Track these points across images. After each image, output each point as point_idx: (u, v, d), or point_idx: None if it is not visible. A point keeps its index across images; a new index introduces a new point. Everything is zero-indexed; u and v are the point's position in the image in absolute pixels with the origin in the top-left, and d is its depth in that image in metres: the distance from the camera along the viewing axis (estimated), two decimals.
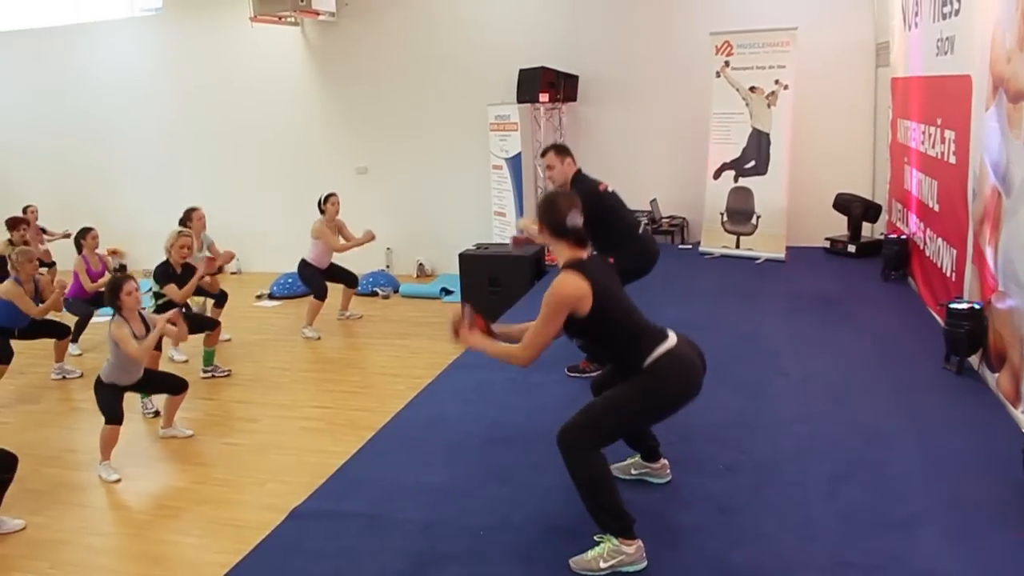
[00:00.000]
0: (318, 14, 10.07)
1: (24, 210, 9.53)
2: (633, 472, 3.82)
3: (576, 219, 3.30)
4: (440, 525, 3.61)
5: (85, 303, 7.85)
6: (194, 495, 5.09)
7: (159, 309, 6.62)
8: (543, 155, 5.44)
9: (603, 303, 3.17)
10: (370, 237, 8.28)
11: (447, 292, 9.54)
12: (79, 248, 7.93)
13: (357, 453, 4.43)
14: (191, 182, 11.12)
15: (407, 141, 10.52)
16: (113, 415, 5.36)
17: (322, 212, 8.22)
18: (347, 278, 8.57)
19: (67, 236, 8.09)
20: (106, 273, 7.90)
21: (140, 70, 11.62)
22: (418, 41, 10.24)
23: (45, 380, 7.40)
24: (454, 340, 3.50)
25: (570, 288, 3.15)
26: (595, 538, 3.24)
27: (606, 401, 3.30)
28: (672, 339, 3.24)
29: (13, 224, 8.53)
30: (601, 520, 3.17)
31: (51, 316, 7.31)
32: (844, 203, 8.32)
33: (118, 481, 5.32)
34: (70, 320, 7.85)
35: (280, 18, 10.19)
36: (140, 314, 5.50)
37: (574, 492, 3.20)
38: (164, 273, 6.84)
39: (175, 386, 5.77)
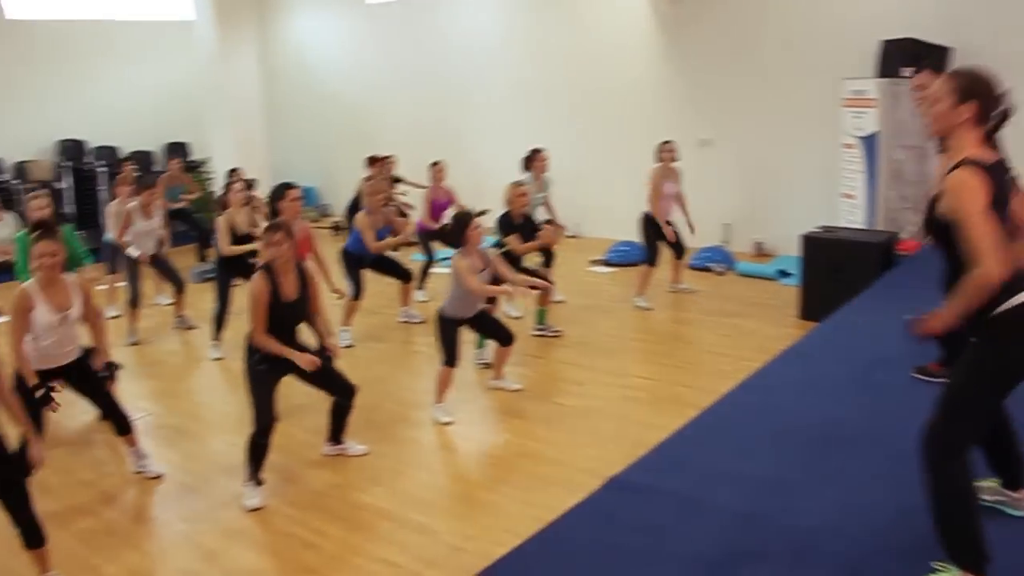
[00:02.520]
0: None
1: (386, 159, 10.47)
2: (987, 498, 3.37)
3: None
4: (760, 518, 3.44)
5: (430, 239, 8.46)
6: (516, 448, 5.29)
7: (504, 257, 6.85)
8: (916, 73, 4.67)
9: (994, 214, 2.71)
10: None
11: (785, 274, 9.12)
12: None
13: (680, 430, 4.35)
14: (533, 139, 11.42)
15: (753, 114, 10.15)
16: (450, 355, 5.65)
17: (659, 160, 8.20)
18: (678, 244, 8.40)
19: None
20: (452, 203, 8.44)
21: (494, 34, 12.24)
22: (773, 9, 9.80)
23: (391, 321, 8.06)
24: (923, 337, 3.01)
25: (975, 182, 2.69)
26: (933, 564, 2.91)
27: (956, 376, 2.92)
28: None
29: (372, 162, 9.74)
30: (951, 545, 2.83)
31: (396, 259, 7.84)
32: None
33: (450, 424, 5.66)
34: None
35: None
36: (479, 250, 5.70)
37: (912, 508, 2.90)
38: (505, 224, 7.03)
39: (505, 336, 5.96)
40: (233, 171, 9.14)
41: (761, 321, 7.64)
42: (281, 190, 6.20)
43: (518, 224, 7.06)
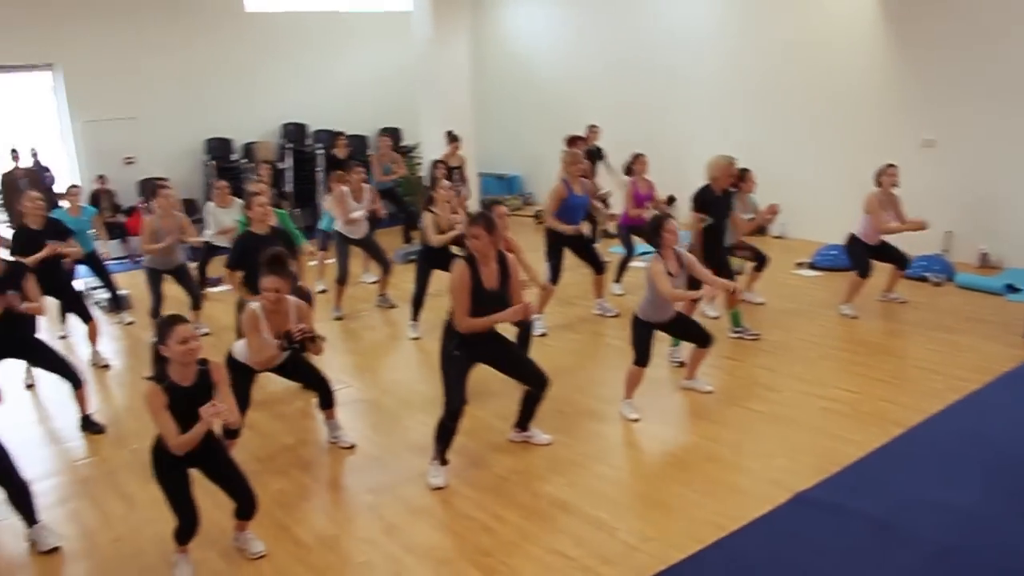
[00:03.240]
0: None
1: (588, 128, 10.75)
2: None
3: None
4: (963, 553, 3.16)
5: (631, 232, 8.34)
6: (703, 451, 5.13)
7: (704, 233, 6.69)
8: None
9: None
10: (920, 225, 7.54)
11: (1013, 289, 8.38)
12: (629, 172, 8.45)
13: (879, 449, 4.09)
14: (742, 133, 11.08)
15: (985, 112, 9.32)
16: (642, 356, 5.57)
17: (878, 185, 7.68)
18: (898, 258, 7.91)
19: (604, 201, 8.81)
20: (653, 197, 8.28)
21: (706, 23, 11.86)
22: None
23: (586, 313, 8.04)
24: None
25: None
26: None
27: None
28: None
29: (571, 142, 9.85)
30: None
31: (596, 248, 7.78)
32: None
33: (636, 420, 5.58)
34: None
35: None
36: (676, 251, 5.53)
37: None
38: (700, 197, 6.76)
39: (702, 337, 5.80)
40: (437, 163, 9.43)
41: (981, 338, 7.04)
42: (488, 207, 6.33)
43: (716, 197, 6.76)
